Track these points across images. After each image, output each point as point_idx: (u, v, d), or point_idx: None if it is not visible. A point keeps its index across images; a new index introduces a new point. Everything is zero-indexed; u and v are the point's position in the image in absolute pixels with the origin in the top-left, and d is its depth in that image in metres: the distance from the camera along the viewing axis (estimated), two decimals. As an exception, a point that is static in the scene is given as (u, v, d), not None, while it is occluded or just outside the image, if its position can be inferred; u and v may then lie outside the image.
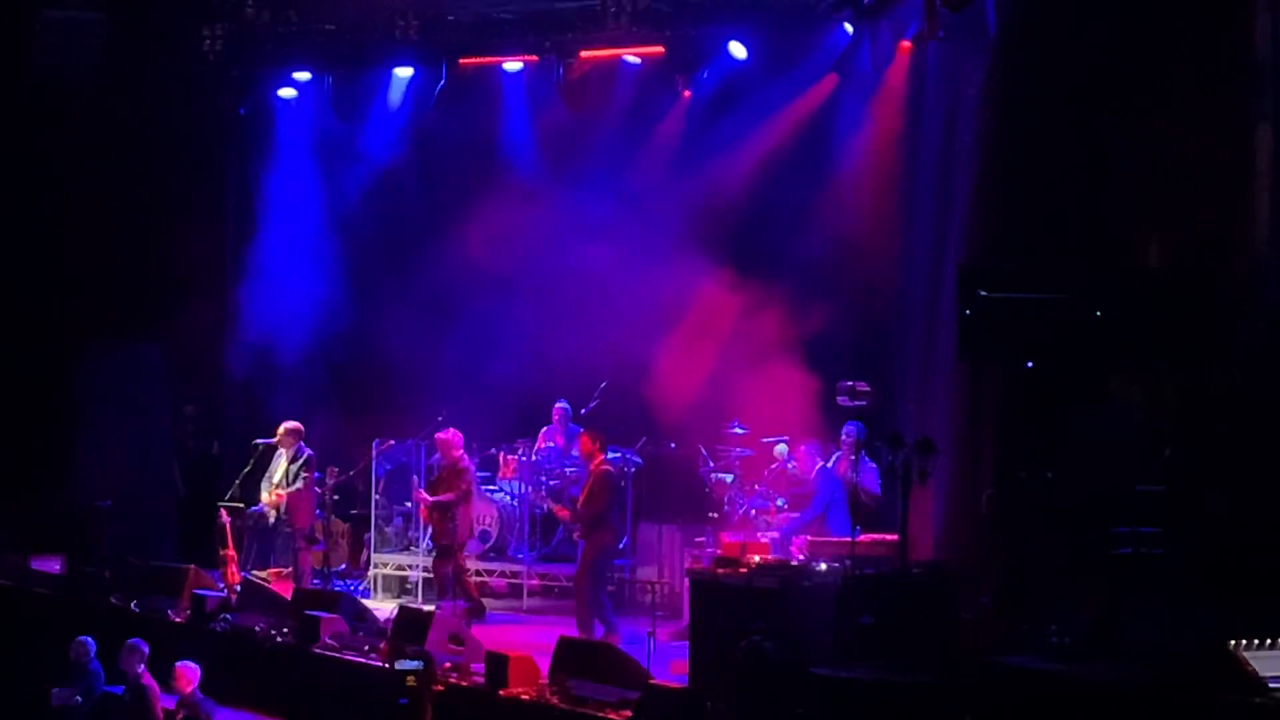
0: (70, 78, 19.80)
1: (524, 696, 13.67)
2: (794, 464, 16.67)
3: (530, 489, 18.57)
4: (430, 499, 17.40)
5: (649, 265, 18.09)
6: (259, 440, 18.54)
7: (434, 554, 17.68)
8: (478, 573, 18.39)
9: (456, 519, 17.30)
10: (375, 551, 19.14)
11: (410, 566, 18.82)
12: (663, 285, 18.02)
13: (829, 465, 16.33)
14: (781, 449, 16.92)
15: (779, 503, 16.74)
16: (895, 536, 13.76)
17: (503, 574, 18.72)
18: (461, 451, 17.62)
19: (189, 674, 14.94)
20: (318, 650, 15.46)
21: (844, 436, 16.20)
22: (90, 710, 15.59)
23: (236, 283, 20.93)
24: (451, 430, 17.66)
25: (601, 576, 16.27)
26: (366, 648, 15.27)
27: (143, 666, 15.31)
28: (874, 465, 15.58)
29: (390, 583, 19.00)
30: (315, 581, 18.14)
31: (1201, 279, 13.26)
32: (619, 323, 18.16)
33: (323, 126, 20.78)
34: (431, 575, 17.88)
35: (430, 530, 17.85)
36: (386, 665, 14.58)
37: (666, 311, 18.02)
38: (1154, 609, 12.20)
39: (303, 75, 20.23)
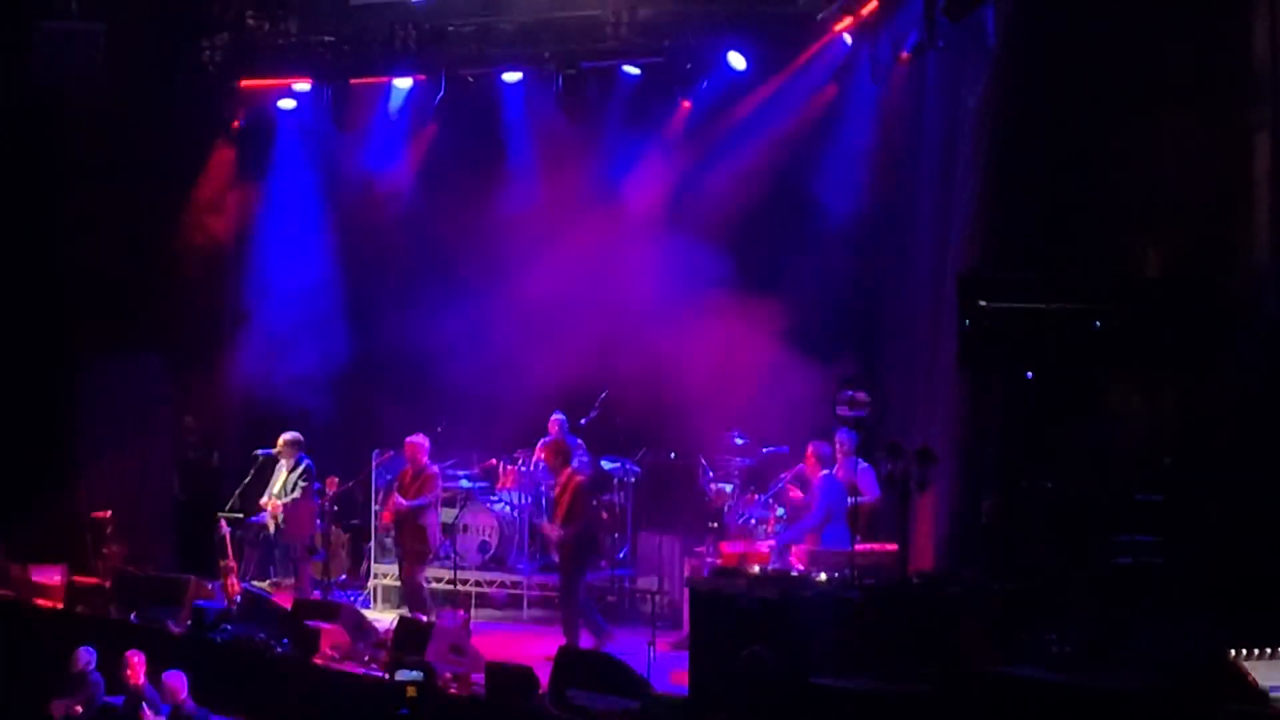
0: (70, 88, 19.77)
1: (524, 707, 13.67)
2: (804, 469, 16.58)
3: (529, 499, 18.57)
4: (407, 504, 17.33)
5: (648, 276, 18.12)
6: (259, 451, 18.57)
7: (402, 562, 17.63)
8: (477, 583, 18.39)
9: (429, 526, 17.31)
10: (375, 562, 19.11)
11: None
12: (662, 296, 18.04)
13: (833, 473, 16.26)
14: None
15: (779, 513, 16.74)
16: (895, 546, 13.78)
17: (502, 584, 18.70)
18: (428, 457, 17.63)
19: (176, 683, 14.99)
20: (318, 661, 15.46)
21: (839, 444, 16.16)
22: (90, 721, 15.63)
23: (236, 293, 20.93)
24: (420, 435, 17.64)
25: (583, 584, 16.39)
26: (366, 658, 15.28)
27: (143, 677, 15.34)
28: (869, 467, 15.59)
29: (390, 593, 18.97)
30: (315, 592, 18.15)
31: (1201, 288, 13.27)
32: (618, 332, 18.16)
33: (322, 137, 20.79)
34: (402, 585, 17.79)
35: (397, 537, 17.73)
36: (386, 676, 14.58)
37: (666, 322, 18.03)
38: (1154, 618, 12.20)
39: (302, 86, 20.22)
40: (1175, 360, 13.21)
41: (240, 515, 18.36)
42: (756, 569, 14.20)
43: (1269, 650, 10.66)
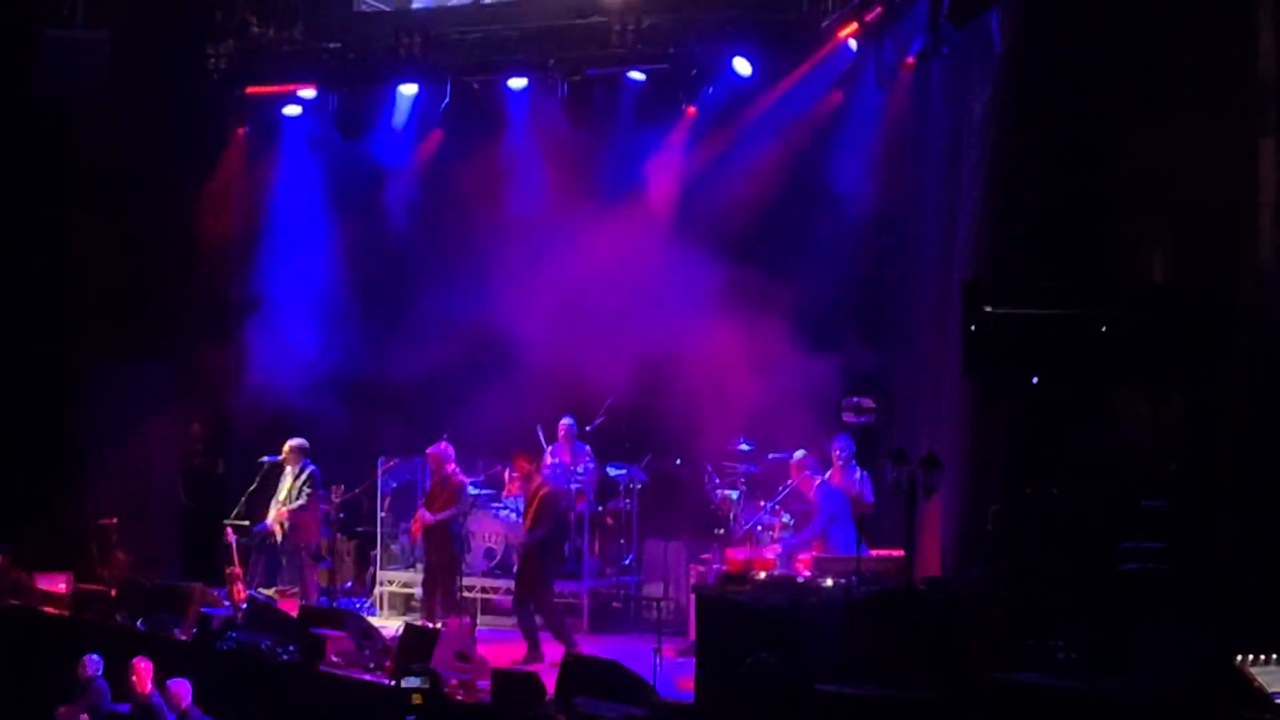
0: (75, 97, 19.80)
1: (530, 714, 13.67)
2: (795, 482, 16.57)
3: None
4: (433, 518, 17.31)
5: (653, 282, 18.10)
6: (265, 458, 18.57)
7: (426, 572, 17.63)
8: (483, 590, 18.37)
9: (454, 536, 17.28)
10: (381, 569, 19.10)
11: (416, 584, 18.77)
12: (667, 302, 18.03)
13: (827, 479, 16.24)
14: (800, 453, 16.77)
15: (785, 518, 16.72)
16: (901, 552, 13.77)
17: (508, 591, 18.65)
18: (454, 465, 17.59)
19: (181, 690, 15.00)
20: (324, 668, 15.46)
21: (838, 451, 16.14)
22: (96, 728, 15.64)
23: (242, 301, 20.92)
24: (444, 444, 17.62)
25: (552, 593, 16.54)
26: (372, 665, 15.28)
27: (150, 684, 15.35)
28: (866, 474, 15.59)
29: (396, 600, 18.98)
30: (321, 599, 18.15)
31: (1206, 294, 13.26)
32: (624, 339, 18.15)
33: (327, 144, 20.79)
34: (432, 599, 17.78)
35: (423, 547, 17.74)
36: (392, 683, 14.57)
37: (672, 328, 18.02)
38: (1161, 625, 12.18)
39: (308, 93, 20.23)
40: (1181, 366, 13.20)
41: (246, 522, 18.37)
42: (762, 575, 14.18)
43: (1276, 656, 10.64)
